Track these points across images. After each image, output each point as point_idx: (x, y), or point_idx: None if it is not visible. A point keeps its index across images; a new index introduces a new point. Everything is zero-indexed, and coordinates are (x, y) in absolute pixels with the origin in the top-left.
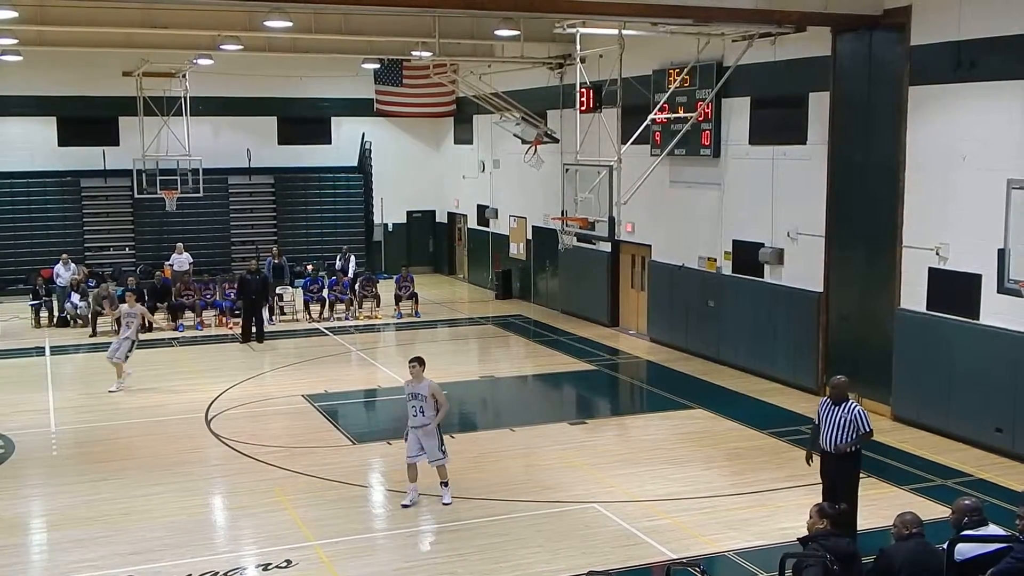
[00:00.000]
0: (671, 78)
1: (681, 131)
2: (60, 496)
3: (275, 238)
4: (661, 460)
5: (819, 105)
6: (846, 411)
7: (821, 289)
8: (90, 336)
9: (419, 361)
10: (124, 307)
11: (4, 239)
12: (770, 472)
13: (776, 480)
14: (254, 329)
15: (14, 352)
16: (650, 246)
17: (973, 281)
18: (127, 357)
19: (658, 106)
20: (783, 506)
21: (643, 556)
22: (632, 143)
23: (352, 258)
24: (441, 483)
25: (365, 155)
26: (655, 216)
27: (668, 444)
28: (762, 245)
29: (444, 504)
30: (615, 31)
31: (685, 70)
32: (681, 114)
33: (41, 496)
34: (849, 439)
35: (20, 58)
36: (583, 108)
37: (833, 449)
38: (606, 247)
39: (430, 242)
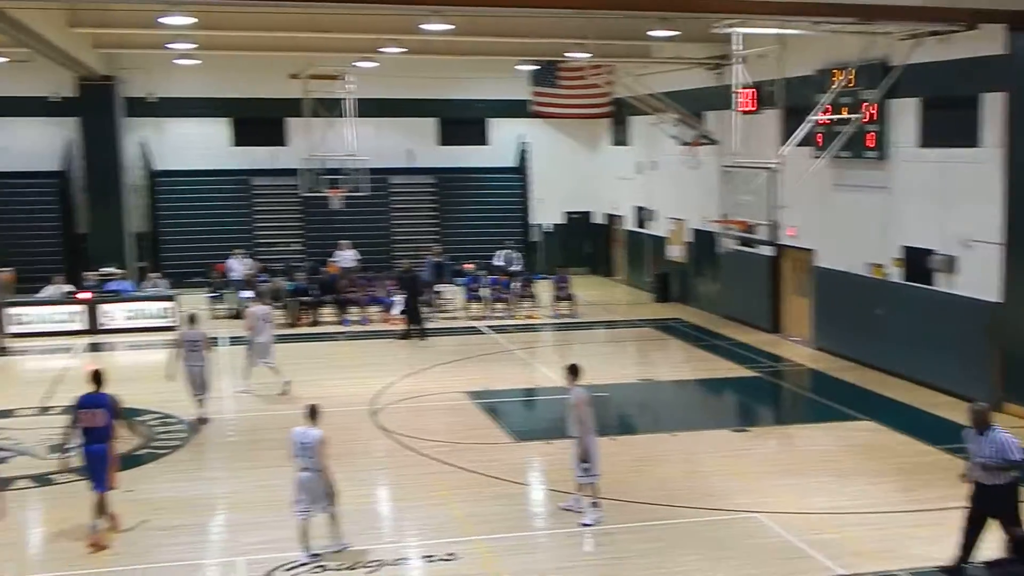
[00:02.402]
0: (834, 78)
1: (845, 133)
2: (234, 480)
3: (435, 237)
4: (827, 472)
5: (993, 106)
6: (991, 439)
7: (998, 299)
8: None
9: (569, 369)
10: (258, 310)
11: (183, 234)
12: (942, 490)
13: (948, 499)
14: (414, 326)
15: None
16: (814, 251)
17: None
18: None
19: (820, 107)
20: (957, 527)
21: (808, 570)
22: (794, 145)
23: (516, 256)
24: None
25: (523, 156)
26: (819, 220)
27: (834, 455)
28: (932, 252)
29: (581, 524)
30: (774, 30)
31: (849, 70)
32: (845, 115)
33: (218, 479)
34: (998, 464)
35: (199, 62)
36: (743, 109)
37: (981, 479)
38: (767, 251)
39: (587, 243)
